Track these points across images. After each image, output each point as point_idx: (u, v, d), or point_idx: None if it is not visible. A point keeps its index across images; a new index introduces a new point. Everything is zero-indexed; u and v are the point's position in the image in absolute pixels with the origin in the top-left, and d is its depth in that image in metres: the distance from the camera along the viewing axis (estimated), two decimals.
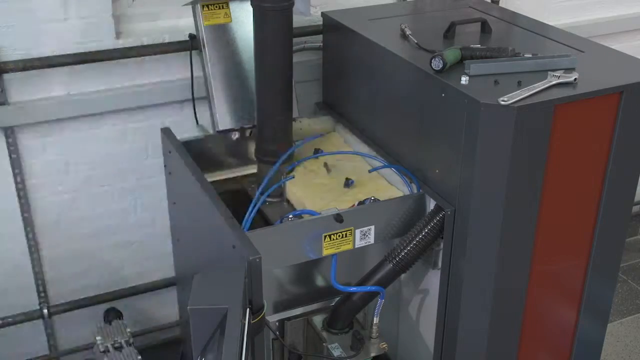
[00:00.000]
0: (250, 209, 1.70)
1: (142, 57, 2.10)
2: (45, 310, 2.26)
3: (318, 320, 1.92)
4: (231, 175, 2.08)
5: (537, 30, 1.96)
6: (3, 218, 2.13)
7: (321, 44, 2.18)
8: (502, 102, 1.49)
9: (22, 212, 2.13)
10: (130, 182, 2.26)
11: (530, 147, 1.55)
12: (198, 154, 1.92)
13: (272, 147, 1.87)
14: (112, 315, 2.22)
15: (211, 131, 2.07)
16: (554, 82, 1.57)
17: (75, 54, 2.00)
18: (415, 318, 1.95)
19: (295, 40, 1.88)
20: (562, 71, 1.60)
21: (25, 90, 2.01)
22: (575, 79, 1.58)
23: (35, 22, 1.95)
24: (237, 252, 1.51)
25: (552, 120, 1.54)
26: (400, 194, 1.78)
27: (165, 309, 2.47)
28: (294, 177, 1.84)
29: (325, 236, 1.63)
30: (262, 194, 1.77)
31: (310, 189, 1.82)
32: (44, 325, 2.31)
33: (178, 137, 1.95)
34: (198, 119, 2.17)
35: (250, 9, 1.76)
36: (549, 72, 1.59)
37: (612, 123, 1.63)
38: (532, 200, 1.62)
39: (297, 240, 1.61)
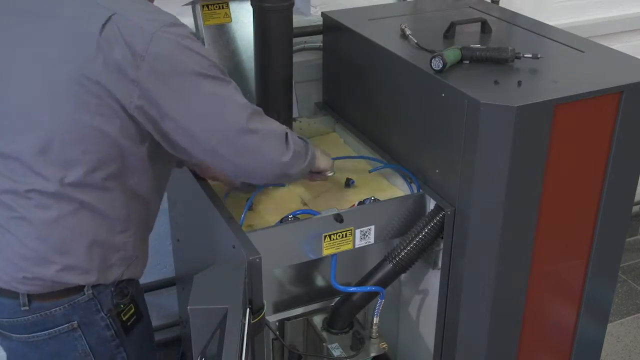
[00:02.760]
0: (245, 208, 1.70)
1: None
2: None
3: (318, 320, 1.93)
4: None
5: (537, 30, 1.96)
6: None
7: (321, 44, 2.18)
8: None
9: None
10: None
11: (530, 147, 1.55)
12: None
13: None
14: None
15: None
16: None
17: None
18: (415, 318, 1.95)
19: (295, 40, 1.88)
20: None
21: None
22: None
23: None
24: (237, 252, 1.51)
25: (552, 120, 1.54)
26: (401, 194, 1.78)
27: (165, 309, 2.47)
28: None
29: (325, 236, 1.63)
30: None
31: (310, 189, 1.82)
32: None
33: None
34: None
35: (250, 9, 1.76)
36: None
37: (612, 123, 1.63)
38: (532, 200, 1.62)
39: (297, 240, 1.61)
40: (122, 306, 1.50)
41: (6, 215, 1.38)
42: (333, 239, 1.64)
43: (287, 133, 1.48)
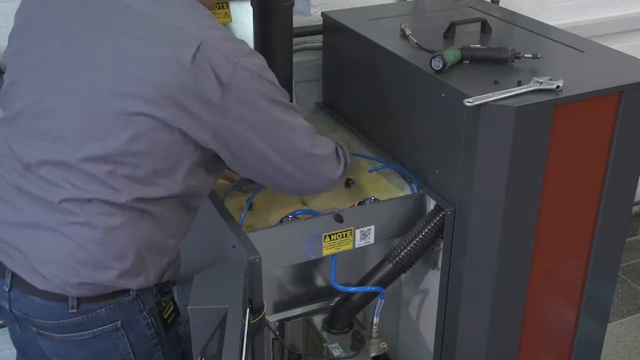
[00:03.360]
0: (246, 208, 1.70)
1: None
2: None
3: (318, 320, 1.93)
4: None
5: (537, 30, 1.96)
6: None
7: (321, 44, 2.18)
8: (467, 103, 1.49)
9: None
10: None
11: (530, 147, 1.55)
12: None
13: None
14: None
15: None
16: (532, 88, 1.53)
17: None
18: (415, 318, 1.95)
19: (295, 40, 1.88)
20: (548, 78, 1.56)
21: None
22: (558, 87, 1.53)
23: None
24: (237, 252, 1.51)
25: (552, 120, 1.54)
26: (401, 194, 1.78)
27: None
28: None
29: (325, 236, 1.63)
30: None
31: None
32: None
33: None
34: None
35: (250, 9, 1.76)
36: (533, 77, 1.56)
37: (612, 123, 1.63)
38: (532, 200, 1.62)
39: (297, 240, 1.62)
40: (163, 304, 1.52)
41: (64, 220, 1.37)
42: (333, 239, 1.64)
43: (337, 148, 1.60)
